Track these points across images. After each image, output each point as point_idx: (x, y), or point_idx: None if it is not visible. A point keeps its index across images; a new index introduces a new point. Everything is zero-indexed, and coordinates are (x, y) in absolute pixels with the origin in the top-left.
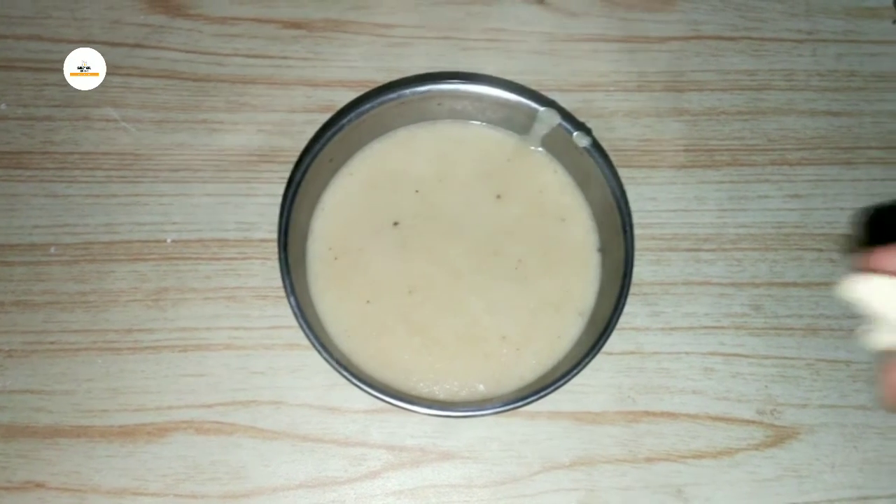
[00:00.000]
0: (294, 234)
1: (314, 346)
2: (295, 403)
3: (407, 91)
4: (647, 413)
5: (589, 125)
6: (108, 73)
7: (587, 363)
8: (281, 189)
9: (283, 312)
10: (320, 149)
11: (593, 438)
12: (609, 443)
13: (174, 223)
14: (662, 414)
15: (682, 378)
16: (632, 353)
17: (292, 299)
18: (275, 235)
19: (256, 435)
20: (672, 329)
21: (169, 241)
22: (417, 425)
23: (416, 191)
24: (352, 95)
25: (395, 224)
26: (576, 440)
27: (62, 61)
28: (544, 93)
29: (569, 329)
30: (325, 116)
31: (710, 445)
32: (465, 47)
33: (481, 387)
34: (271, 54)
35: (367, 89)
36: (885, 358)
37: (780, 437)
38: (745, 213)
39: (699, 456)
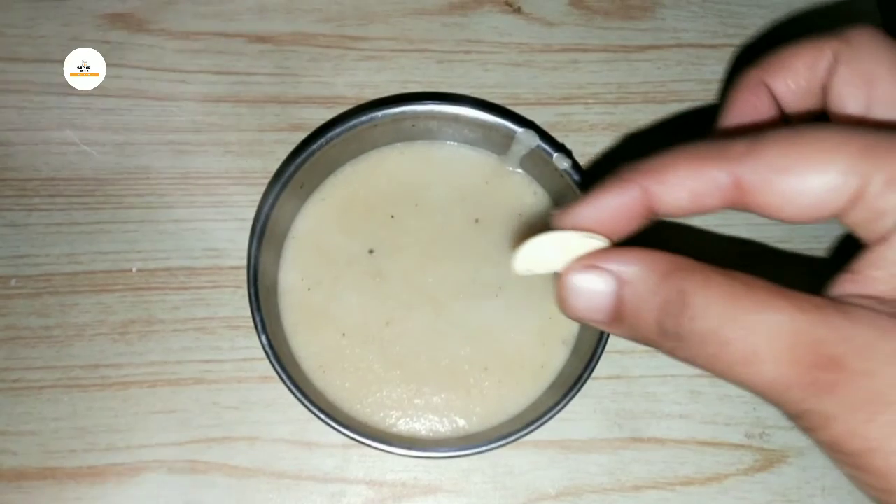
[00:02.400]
0: (265, 264)
1: (287, 386)
2: (270, 439)
3: (379, 113)
4: (634, 440)
5: (568, 140)
6: (67, 94)
7: (573, 396)
8: (250, 213)
9: (256, 343)
10: (290, 176)
11: (579, 467)
12: (596, 471)
13: (139, 251)
14: (649, 440)
15: (669, 402)
16: (617, 377)
17: (263, 338)
18: (245, 263)
19: (231, 473)
20: (657, 351)
21: (134, 270)
22: (398, 459)
23: (392, 216)
24: (323, 112)
25: (371, 252)
26: (562, 470)
27: (18, 81)
28: (522, 106)
29: (552, 358)
30: (296, 135)
31: (699, 472)
32: (440, 59)
33: (463, 422)
34: (238, 70)
35: (338, 105)
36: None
37: (770, 460)
38: (730, 228)
39: (687, 483)
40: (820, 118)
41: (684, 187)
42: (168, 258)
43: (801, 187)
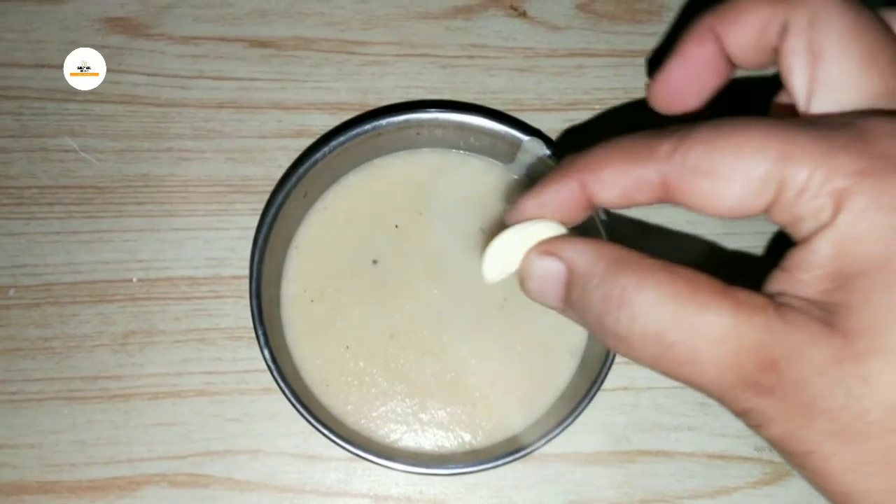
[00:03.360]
0: (267, 276)
1: (290, 401)
2: (273, 452)
3: (384, 122)
4: (642, 452)
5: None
6: (65, 100)
7: (581, 411)
8: (252, 222)
9: (258, 354)
10: (293, 185)
11: (587, 481)
12: (603, 485)
13: (140, 261)
14: (657, 453)
15: (678, 414)
16: (625, 388)
17: (266, 352)
18: (247, 272)
19: (233, 487)
20: None
21: (135, 280)
22: (403, 472)
23: (396, 225)
24: (325, 119)
25: (375, 262)
26: (569, 483)
27: (16, 87)
28: (527, 112)
29: (560, 371)
30: (298, 142)
31: (707, 485)
32: (443, 65)
33: (469, 437)
34: (239, 76)
35: (341, 112)
36: None
37: (779, 474)
38: (738, 237)
39: (695, 496)
40: (774, 78)
41: (616, 185)
42: (169, 267)
43: (722, 191)
